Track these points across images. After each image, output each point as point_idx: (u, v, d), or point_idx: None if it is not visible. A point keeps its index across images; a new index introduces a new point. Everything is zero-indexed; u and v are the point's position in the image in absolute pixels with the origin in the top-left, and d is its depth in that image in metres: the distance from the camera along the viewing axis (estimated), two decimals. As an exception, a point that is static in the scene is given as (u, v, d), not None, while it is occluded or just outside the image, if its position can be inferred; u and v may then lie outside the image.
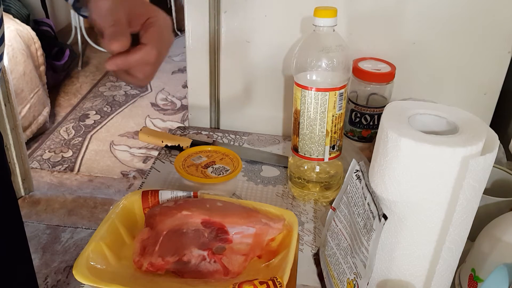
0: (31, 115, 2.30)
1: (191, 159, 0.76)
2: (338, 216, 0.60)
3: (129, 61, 0.52)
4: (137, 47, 0.53)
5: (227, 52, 0.91)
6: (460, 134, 0.48)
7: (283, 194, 0.78)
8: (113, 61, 0.52)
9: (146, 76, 0.57)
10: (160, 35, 0.55)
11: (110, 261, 0.57)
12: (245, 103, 0.96)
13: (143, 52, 0.53)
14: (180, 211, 0.60)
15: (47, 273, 1.64)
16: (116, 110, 2.72)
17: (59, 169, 2.20)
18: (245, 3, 0.86)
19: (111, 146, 2.39)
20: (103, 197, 2.02)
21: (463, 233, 0.50)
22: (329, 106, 0.69)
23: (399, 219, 0.51)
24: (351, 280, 0.53)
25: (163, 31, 0.56)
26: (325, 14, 0.67)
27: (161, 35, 0.55)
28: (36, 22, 2.80)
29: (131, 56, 0.52)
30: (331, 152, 0.72)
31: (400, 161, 0.48)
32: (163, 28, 0.56)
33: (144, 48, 0.53)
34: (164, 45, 0.56)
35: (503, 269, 0.47)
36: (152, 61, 0.54)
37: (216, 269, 0.57)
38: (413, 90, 0.89)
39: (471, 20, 0.83)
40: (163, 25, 0.56)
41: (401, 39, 0.86)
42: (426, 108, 0.53)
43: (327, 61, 0.68)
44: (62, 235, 1.81)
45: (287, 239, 0.59)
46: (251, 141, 0.93)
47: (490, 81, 0.87)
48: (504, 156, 0.77)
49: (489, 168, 0.47)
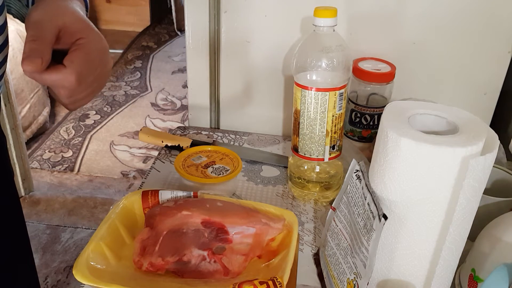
0: (31, 115, 2.30)
1: (191, 159, 0.76)
2: (338, 216, 0.60)
3: (43, 79, 0.48)
4: (56, 67, 0.48)
5: (227, 52, 0.91)
6: (460, 134, 0.48)
7: (283, 194, 0.78)
8: (29, 72, 0.47)
9: (66, 100, 0.52)
10: (86, 60, 0.50)
11: (110, 261, 0.57)
12: (245, 103, 0.96)
13: (59, 74, 0.48)
14: (180, 211, 0.60)
15: (47, 273, 1.64)
16: (116, 110, 2.72)
17: (59, 169, 2.20)
18: (245, 3, 0.86)
19: (111, 146, 2.39)
20: (103, 197, 2.02)
21: (463, 233, 0.50)
22: (329, 106, 0.69)
23: (399, 219, 0.51)
24: (351, 280, 0.53)
25: (92, 55, 0.51)
26: (325, 14, 0.67)
27: (87, 59, 0.50)
28: (36, 22, 2.80)
29: (47, 74, 0.48)
30: (331, 152, 0.72)
31: (400, 161, 0.48)
32: (93, 52, 0.51)
33: (62, 70, 0.48)
34: (90, 70, 0.51)
35: (503, 269, 0.47)
36: (68, 86, 0.49)
37: (216, 269, 0.57)
38: (413, 90, 0.89)
39: (471, 20, 0.83)
40: (93, 49, 0.51)
41: (401, 39, 0.86)
42: (426, 108, 0.53)
43: (327, 61, 0.68)
44: (62, 235, 1.81)
45: (287, 239, 0.59)
46: (251, 141, 0.93)
47: (490, 81, 0.87)
48: (504, 156, 0.77)
49: (489, 168, 0.47)
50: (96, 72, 0.52)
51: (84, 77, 0.50)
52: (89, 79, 0.51)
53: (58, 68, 0.48)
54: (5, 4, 0.60)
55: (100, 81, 0.54)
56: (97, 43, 0.52)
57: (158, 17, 3.89)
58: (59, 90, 0.51)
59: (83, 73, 0.50)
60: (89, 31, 0.52)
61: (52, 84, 0.49)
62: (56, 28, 0.50)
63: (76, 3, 0.55)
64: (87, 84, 0.51)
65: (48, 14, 0.50)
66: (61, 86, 0.50)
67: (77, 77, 0.49)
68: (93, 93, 0.54)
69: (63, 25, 0.50)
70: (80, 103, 0.54)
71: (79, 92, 0.51)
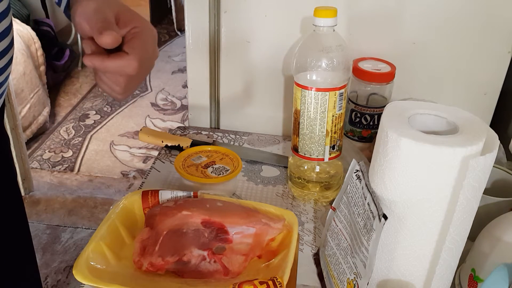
0: (31, 115, 2.30)
1: (191, 159, 0.76)
2: (338, 216, 0.60)
3: (106, 65, 0.49)
4: (118, 54, 0.49)
5: (227, 52, 0.91)
6: (460, 134, 0.48)
7: (283, 194, 0.78)
8: (91, 58, 0.48)
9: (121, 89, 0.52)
10: (144, 47, 0.51)
11: (110, 261, 0.57)
12: (245, 103, 0.96)
13: (123, 60, 0.49)
14: (180, 211, 0.60)
15: (47, 273, 1.64)
16: (116, 110, 2.72)
17: (59, 169, 2.20)
18: (245, 3, 0.86)
19: (111, 146, 2.39)
20: (103, 197, 2.02)
21: (463, 233, 0.50)
22: (329, 106, 0.69)
23: (399, 219, 0.51)
24: (351, 280, 0.53)
25: (148, 43, 0.52)
26: (325, 14, 0.67)
27: (145, 47, 0.51)
28: (36, 22, 2.80)
29: (110, 61, 0.49)
30: (331, 152, 0.72)
31: (400, 161, 0.48)
32: (148, 40, 0.52)
33: (125, 57, 0.49)
34: (147, 59, 0.52)
35: (503, 269, 0.47)
36: (130, 72, 0.50)
37: (216, 269, 0.57)
38: (413, 90, 0.89)
39: (471, 20, 0.83)
40: (148, 37, 0.52)
41: (401, 39, 0.86)
42: (426, 108, 0.53)
43: (327, 61, 0.68)
44: (62, 235, 1.81)
45: (287, 239, 0.59)
46: (251, 141, 0.93)
47: (490, 81, 0.87)
48: (504, 156, 0.77)
49: (489, 168, 0.47)
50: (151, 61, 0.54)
51: (143, 63, 0.51)
52: (147, 67, 0.53)
53: (121, 54, 0.49)
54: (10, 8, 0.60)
55: (148, 70, 0.55)
56: (151, 31, 0.54)
57: (158, 17, 3.88)
58: (118, 79, 0.51)
59: (143, 60, 0.51)
60: (141, 20, 0.53)
61: (115, 70, 0.50)
62: (114, 14, 0.51)
63: None
64: (143, 71, 0.53)
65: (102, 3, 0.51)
66: (123, 72, 0.50)
67: (139, 63, 0.50)
68: (141, 81, 0.55)
69: (117, 13, 0.51)
70: (131, 91, 0.55)
71: (136, 79, 0.53)
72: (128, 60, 0.49)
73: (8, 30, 0.59)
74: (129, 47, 0.50)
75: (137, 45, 0.50)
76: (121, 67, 0.50)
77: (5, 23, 0.58)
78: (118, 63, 0.49)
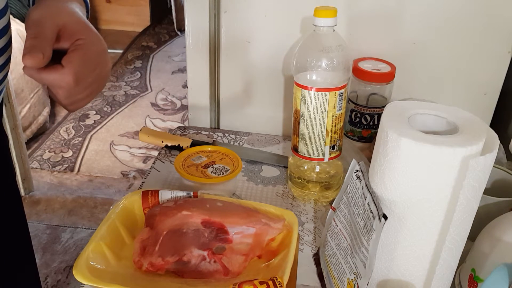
0: (31, 115, 2.30)
1: (191, 159, 0.76)
2: (338, 216, 0.60)
3: (41, 77, 0.48)
4: (53, 66, 0.48)
5: (227, 52, 0.91)
6: (460, 134, 0.48)
7: (283, 194, 0.78)
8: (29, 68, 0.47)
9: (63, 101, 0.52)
10: (83, 60, 0.50)
11: (110, 261, 0.57)
12: (245, 103, 0.96)
13: (57, 74, 0.48)
14: (180, 211, 0.59)
15: (47, 273, 1.64)
16: (116, 110, 2.72)
17: (59, 169, 2.20)
18: (245, 3, 0.86)
19: (111, 146, 2.39)
20: (103, 197, 2.02)
21: (463, 233, 0.50)
22: (329, 106, 0.69)
23: (399, 219, 0.51)
24: (351, 280, 0.53)
25: (91, 57, 0.51)
26: (325, 14, 0.67)
27: (85, 60, 0.50)
28: (36, 22, 2.80)
29: (45, 73, 0.48)
30: (331, 152, 0.72)
31: (400, 161, 0.48)
32: (91, 54, 0.51)
33: (59, 70, 0.48)
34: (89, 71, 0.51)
35: (503, 269, 0.47)
36: (64, 86, 0.49)
37: (216, 269, 0.57)
38: (413, 90, 0.89)
39: (471, 20, 0.83)
40: (91, 49, 0.51)
41: (401, 39, 0.86)
42: (426, 108, 0.53)
43: (327, 61, 0.68)
44: (62, 235, 1.81)
45: (287, 239, 0.59)
46: (251, 141, 0.93)
47: (490, 81, 0.87)
48: (504, 156, 0.77)
49: (489, 168, 0.47)
50: (95, 73, 0.52)
51: (82, 77, 0.50)
52: (87, 80, 0.51)
53: (56, 67, 0.48)
54: (8, 6, 0.60)
55: (99, 82, 0.53)
56: (96, 44, 0.52)
57: (158, 17, 3.88)
58: (57, 90, 0.51)
59: (81, 74, 0.50)
60: (88, 32, 0.52)
61: (50, 83, 0.49)
62: (56, 27, 0.50)
63: (77, 5, 0.56)
64: (86, 85, 0.51)
65: (48, 13, 0.50)
66: (58, 86, 0.50)
67: (75, 77, 0.49)
68: (92, 94, 0.53)
69: (63, 25, 0.50)
70: (79, 104, 0.53)
71: (77, 93, 0.51)
72: (62, 74, 0.48)
73: (6, 28, 0.59)
74: (66, 61, 0.49)
75: (75, 59, 0.49)
76: (55, 81, 0.49)
77: (3, 22, 0.58)
78: (52, 76, 0.48)
